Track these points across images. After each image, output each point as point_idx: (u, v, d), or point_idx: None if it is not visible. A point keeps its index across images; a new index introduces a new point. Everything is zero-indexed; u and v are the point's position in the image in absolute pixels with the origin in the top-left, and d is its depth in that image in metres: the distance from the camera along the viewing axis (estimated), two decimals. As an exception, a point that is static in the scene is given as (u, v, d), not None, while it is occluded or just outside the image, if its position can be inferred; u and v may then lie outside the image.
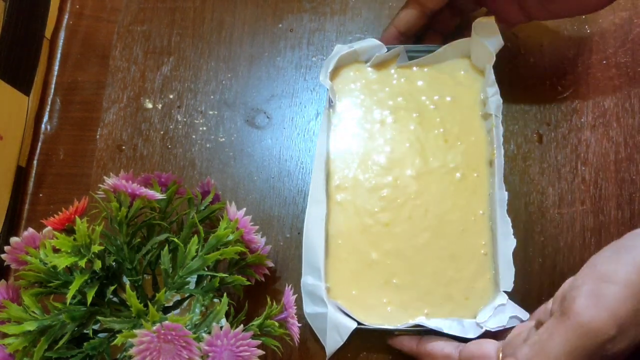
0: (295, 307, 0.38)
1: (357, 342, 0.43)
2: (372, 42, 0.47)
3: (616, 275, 0.31)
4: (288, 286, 0.39)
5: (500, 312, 0.40)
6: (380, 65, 0.49)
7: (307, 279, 0.42)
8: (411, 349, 0.41)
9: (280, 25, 0.53)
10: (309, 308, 0.42)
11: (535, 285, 0.44)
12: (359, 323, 0.41)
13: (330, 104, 0.47)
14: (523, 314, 0.39)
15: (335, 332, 0.41)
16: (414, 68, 0.48)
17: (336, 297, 0.43)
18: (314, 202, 0.43)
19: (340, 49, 0.47)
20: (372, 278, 0.43)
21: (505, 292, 0.41)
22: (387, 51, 0.47)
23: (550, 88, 0.49)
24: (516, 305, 0.40)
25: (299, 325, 0.38)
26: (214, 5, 0.54)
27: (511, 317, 0.39)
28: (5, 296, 0.36)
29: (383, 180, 0.46)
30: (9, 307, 0.34)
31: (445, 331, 0.39)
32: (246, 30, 0.53)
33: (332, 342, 0.41)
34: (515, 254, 0.43)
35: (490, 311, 0.40)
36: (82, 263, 0.34)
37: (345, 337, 0.40)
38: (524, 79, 0.49)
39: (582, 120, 0.48)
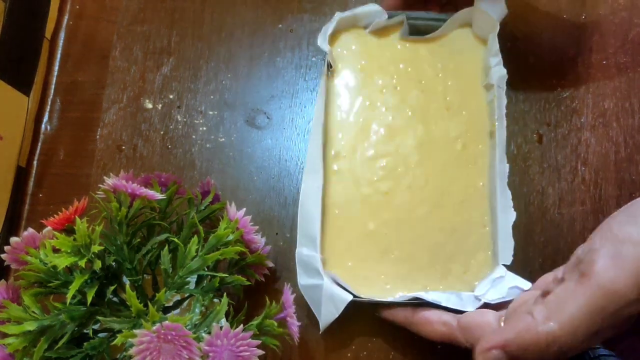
0: (295, 306, 0.38)
1: (352, 315, 0.42)
2: (373, 7, 0.46)
3: (636, 236, 0.30)
4: (287, 285, 0.39)
5: (499, 283, 0.39)
6: (380, 32, 0.48)
7: (303, 250, 0.41)
8: (406, 317, 0.40)
9: (280, 26, 0.53)
10: (303, 280, 0.41)
11: (535, 285, 0.44)
12: (354, 296, 0.40)
13: (329, 69, 0.46)
14: (524, 284, 0.38)
15: (330, 304, 0.39)
16: (417, 35, 0.47)
17: (332, 269, 0.42)
18: (310, 171, 0.42)
19: (340, 16, 0.46)
20: (369, 249, 0.42)
21: (504, 265, 0.40)
22: (388, 18, 0.46)
23: (550, 88, 0.49)
24: (516, 276, 0.39)
25: (299, 324, 0.38)
26: (214, 6, 0.54)
27: (510, 288, 0.38)
28: (5, 296, 0.36)
29: (383, 149, 0.45)
30: (9, 307, 0.34)
31: (444, 304, 0.38)
32: (246, 31, 0.53)
33: (327, 314, 0.39)
34: (515, 254, 0.43)
35: (488, 284, 0.39)
36: (82, 263, 0.34)
37: (340, 309, 0.39)
38: (524, 79, 0.49)
39: (582, 120, 0.48)
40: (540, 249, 0.45)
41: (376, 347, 0.44)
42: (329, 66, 0.46)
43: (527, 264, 0.45)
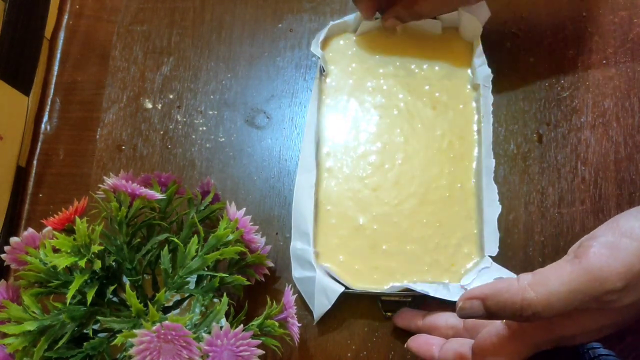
0: (295, 307, 0.38)
1: (345, 306, 0.43)
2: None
3: (637, 232, 0.31)
4: (288, 286, 0.39)
5: (485, 274, 0.40)
6: (370, 36, 0.49)
7: (297, 244, 0.43)
8: (417, 325, 0.41)
9: (280, 25, 0.53)
10: (297, 272, 0.43)
11: (535, 285, 0.44)
12: (346, 287, 0.41)
13: (322, 73, 0.48)
14: (509, 275, 0.40)
15: (323, 295, 0.41)
16: (405, 38, 0.49)
17: (324, 263, 0.43)
18: (304, 170, 0.44)
19: (332, 23, 0.49)
20: (360, 244, 0.44)
21: (490, 257, 0.41)
22: (376, 19, 0.48)
23: (550, 88, 0.49)
24: (501, 267, 0.41)
25: (299, 325, 0.38)
26: (214, 5, 0.54)
27: (496, 279, 0.39)
28: (5, 296, 0.36)
29: (372, 147, 0.46)
30: (9, 307, 0.34)
31: (431, 294, 0.40)
32: (246, 30, 0.53)
33: (320, 305, 0.41)
34: (514, 254, 0.43)
35: (474, 274, 0.41)
36: (82, 263, 0.34)
37: (332, 301, 0.41)
38: (524, 79, 0.49)
39: (582, 120, 0.48)
40: (540, 248, 0.45)
41: (376, 347, 0.44)
42: (322, 70, 0.48)
43: (527, 263, 0.45)
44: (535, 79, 0.49)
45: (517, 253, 0.45)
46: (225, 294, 0.36)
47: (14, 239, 0.37)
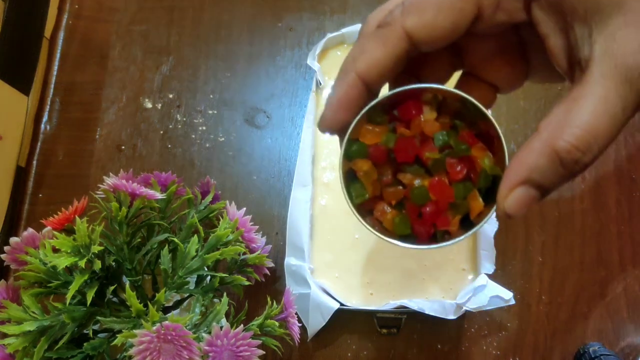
0: (296, 307, 0.38)
1: (339, 323, 0.43)
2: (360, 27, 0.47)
3: None
4: (288, 286, 0.39)
5: (480, 292, 0.40)
6: None
7: (291, 260, 0.42)
8: None
9: (279, 24, 0.53)
10: (291, 289, 0.42)
11: (535, 284, 0.44)
12: (341, 304, 0.41)
13: (318, 86, 0.47)
14: (505, 293, 0.40)
15: (317, 312, 0.41)
16: None
17: (319, 279, 0.43)
18: (299, 185, 0.44)
19: (329, 35, 0.48)
20: (355, 259, 0.44)
21: (486, 274, 0.41)
22: None
23: (550, 87, 0.49)
24: (497, 285, 0.41)
25: (299, 324, 0.38)
26: (213, 5, 0.54)
27: (492, 297, 0.39)
28: (5, 296, 0.36)
29: None
30: (9, 307, 0.34)
31: (427, 312, 0.40)
32: (245, 29, 0.53)
33: (315, 322, 0.41)
34: (515, 253, 0.43)
35: (470, 292, 0.41)
36: (82, 263, 0.34)
37: (327, 318, 0.41)
38: (524, 78, 0.49)
39: (582, 119, 0.48)
40: (540, 248, 0.45)
41: (376, 347, 0.44)
42: (318, 83, 0.47)
43: (527, 262, 0.45)
44: (535, 78, 0.49)
45: (517, 253, 0.45)
46: (225, 294, 0.36)
47: (13, 239, 0.37)
